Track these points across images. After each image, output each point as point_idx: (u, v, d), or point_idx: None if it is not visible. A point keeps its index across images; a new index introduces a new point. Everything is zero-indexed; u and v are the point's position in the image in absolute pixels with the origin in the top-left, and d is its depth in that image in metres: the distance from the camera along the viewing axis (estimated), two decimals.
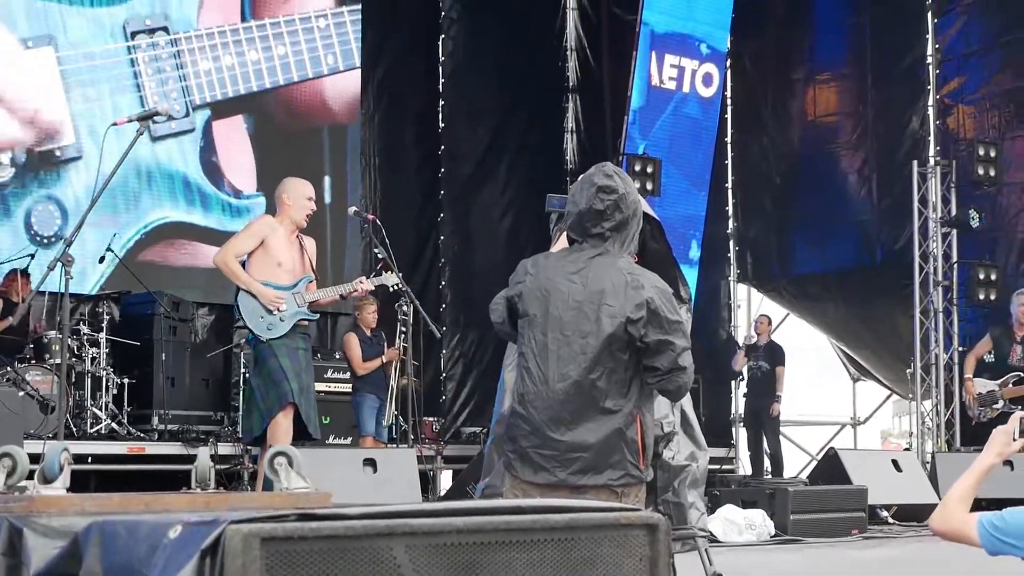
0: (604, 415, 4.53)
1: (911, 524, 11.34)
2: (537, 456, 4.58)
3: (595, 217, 4.65)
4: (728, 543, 9.88)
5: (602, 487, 4.51)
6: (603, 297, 4.54)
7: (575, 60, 17.99)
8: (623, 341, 4.52)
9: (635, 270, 4.64)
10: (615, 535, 2.77)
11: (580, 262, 4.64)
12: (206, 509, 2.85)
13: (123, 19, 13.96)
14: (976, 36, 15.75)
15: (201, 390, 12.81)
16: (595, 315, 4.53)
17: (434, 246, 16.32)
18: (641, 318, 4.50)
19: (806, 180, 17.22)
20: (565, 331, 4.56)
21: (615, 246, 4.65)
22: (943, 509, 4.11)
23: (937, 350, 14.63)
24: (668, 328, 4.52)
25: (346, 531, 2.34)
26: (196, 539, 2.23)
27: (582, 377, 4.53)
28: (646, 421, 4.61)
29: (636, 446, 4.55)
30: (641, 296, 4.53)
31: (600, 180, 4.66)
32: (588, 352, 4.53)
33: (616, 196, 4.64)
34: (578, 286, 4.59)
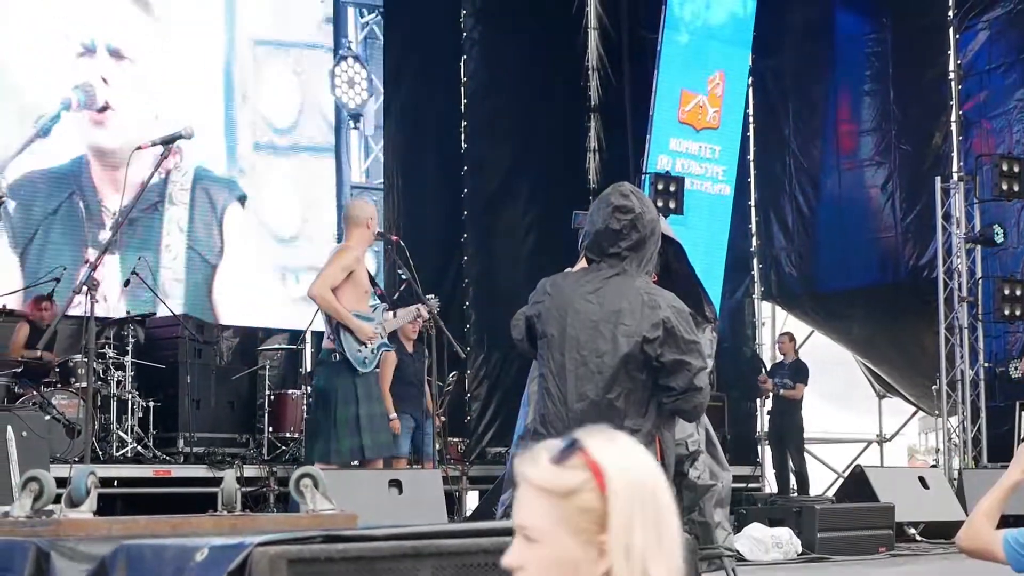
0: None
1: (939, 541, 11.28)
2: None
3: (612, 237, 4.64)
4: (755, 562, 9.84)
5: None
6: (620, 317, 4.53)
7: (596, 79, 17.99)
8: (639, 361, 4.50)
9: (652, 290, 4.62)
10: None
11: (597, 282, 4.64)
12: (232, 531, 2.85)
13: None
14: (998, 52, 15.72)
15: (226, 412, 12.81)
16: (611, 334, 4.52)
17: (457, 266, 16.32)
18: (657, 337, 4.49)
19: (829, 197, 17.19)
20: (582, 351, 4.56)
21: (632, 266, 4.65)
22: (969, 526, 4.09)
23: (963, 366, 14.57)
24: (684, 348, 4.50)
25: (373, 552, 2.34)
26: (223, 562, 2.23)
27: (599, 397, 4.52)
28: (666, 440, 4.60)
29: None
30: (658, 316, 4.51)
31: (616, 200, 4.66)
32: (605, 372, 4.52)
33: (632, 216, 4.63)
34: (595, 306, 4.58)
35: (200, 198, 14.35)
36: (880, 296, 16.60)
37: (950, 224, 14.80)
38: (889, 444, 18.46)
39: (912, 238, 16.12)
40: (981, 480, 11.62)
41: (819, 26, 17.42)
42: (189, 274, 14.12)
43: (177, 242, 14.09)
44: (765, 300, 18.25)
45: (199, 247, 14.26)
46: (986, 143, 15.62)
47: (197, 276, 14.18)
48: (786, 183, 17.57)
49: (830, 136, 17.32)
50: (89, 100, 13.54)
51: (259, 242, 14.53)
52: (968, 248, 14.80)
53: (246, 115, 14.77)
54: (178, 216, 14.16)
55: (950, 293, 14.68)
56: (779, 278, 17.83)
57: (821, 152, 17.38)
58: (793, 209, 17.51)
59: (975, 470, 13.52)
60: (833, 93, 17.29)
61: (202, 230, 14.32)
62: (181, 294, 13.90)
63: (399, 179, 15.77)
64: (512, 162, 16.85)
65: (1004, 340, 15.52)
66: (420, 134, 16.09)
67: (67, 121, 13.43)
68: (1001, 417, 14.49)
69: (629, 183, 4.82)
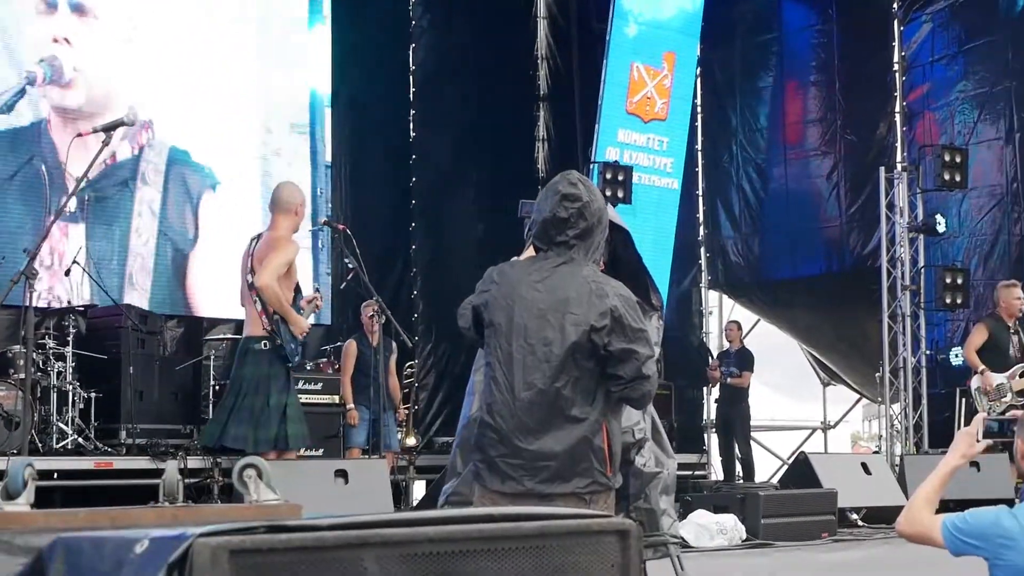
0: (570, 423, 4.52)
1: (880, 526, 11.37)
2: (505, 465, 4.56)
3: (559, 225, 4.64)
4: (700, 548, 9.90)
5: (570, 495, 4.50)
6: (567, 305, 4.53)
7: (546, 69, 18.00)
8: (587, 349, 4.51)
9: (599, 278, 4.62)
10: (587, 542, 2.75)
11: (545, 270, 4.63)
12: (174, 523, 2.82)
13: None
14: (941, 44, 15.86)
15: (170, 403, 12.69)
16: (559, 323, 4.52)
17: (405, 256, 16.29)
18: (605, 326, 4.49)
19: (775, 186, 17.31)
20: (529, 339, 4.55)
21: (580, 254, 4.64)
22: (908, 511, 4.13)
23: (905, 354, 14.69)
24: (632, 336, 4.50)
25: (316, 542, 2.31)
26: (163, 553, 2.20)
27: (547, 386, 4.52)
28: (612, 429, 4.60)
29: (603, 454, 4.54)
30: (605, 304, 4.51)
31: (564, 188, 4.65)
32: (552, 360, 4.52)
33: (580, 204, 4.63)
34: (543, 294, 4.58)
35: (174, 181, 14.07)
36: (825, 285, 16.74)
37: (894, 214, 14.92)
38: (833, 431, 18.60)
39: (857, 227, 16.26)
40: (922, 466, 11.72)
41: (766, 17, 17.53)
42: (159, 262, 13.91)
43: (148, 226, 13.83)
44: (712, 289, 18.35)
45: (172, 233, 14.04)
46: (929, 134, 15.77)
47: (167, 265, 13.99)
48: (733, 173, 17.67)
49: (776, 126, 17.43)
50: (55, 74, 13.16)
51: (232, 230, 14.24)
52: (911, 237, 14.94)
53: (220, 91, 14.52)
54: (150, 198, 13.88)
55: (893, 282, 14.80)
56: (726, 267, 17.93)
57: (768, 142, 17.49)
58: (740, 199, 17.61)
59: (917, 456, 13.65)
60: (780, 84, 17.40)
61: (175, 216, 14.09)
62: (148, 286, 13.72)
63: (346, 167, 15.68)
64: (461, 151, 16.83)
65: (945, 328, 15.69)
66: (367, 122, 16.00)
67: (32, 95, 13.08)
68: (942, 404, 14.62)
69: (577, 171, 4.81)
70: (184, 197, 14.13)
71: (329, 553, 2.33)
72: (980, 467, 11.40)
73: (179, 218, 14.08)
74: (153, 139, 13.83)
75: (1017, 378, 12.20)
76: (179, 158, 14.13)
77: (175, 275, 14.06)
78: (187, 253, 14.13)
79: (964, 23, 15.65)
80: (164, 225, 13.92)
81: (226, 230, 13.43)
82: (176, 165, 14.08)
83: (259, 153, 14.78)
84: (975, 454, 4.24)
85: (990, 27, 15.34)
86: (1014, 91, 15.02)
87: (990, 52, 15.34)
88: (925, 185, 14.99)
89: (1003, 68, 15.16)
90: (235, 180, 14.41)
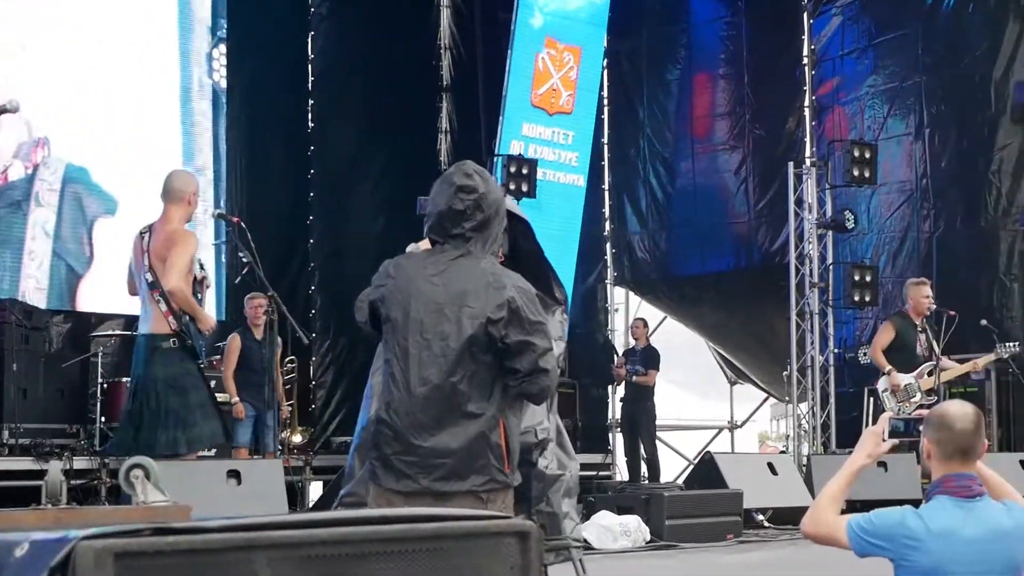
0: (467, 419, 4.53)
1: (786, 527, 11.50)
2: (400, 463, 4.56)
3: (455, 218, 4.64)
4: (603, 550, 9.94)
5: (466, 493, 4.51)
6: (464, 299, 4.54)
7: (449, 59, 17.96)
8: (483, 342, 4.51)
9: (497, 271, 4.63)
10: (486, 543, 2.77)
11: (441, 264, 4.64)
12: (57, 525, 2.79)
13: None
14: (851, 37, 16.07)
15: (56, 401, 12.50)
16: (456, 317, 4.53)
17: (303, 250, 16.18)
18: (502, 318, 4.50)
19: (683, 181, 17.42)
20: (425, 334, 4.56)
21: (477, 246, 4.65)
22: (813, 511, 4.18)
23: (813, 352, 14.85)
24: (529, 329, 4.51)
25: (204, 544, 2.30)
26: (44, 557, 2.18)
27: (442, 381, 4.52)
28: (511, 425, 4.61)
29: (501, 450, 4.55)
30: (503, 296, 4.52)
31: (459, 180, 4.65)
32: (448, 355, 4.52)
33: (476, 196, 4.64)
34: (439, 288, 4.58)
35: (69, 201, 13.77)
36: (733, 281, 16.89)
37: (802, 210, 15.08)
38: (740, 431, 18.79)
39: (765, 223, 16.42)
40: (829, 466, 11.84)
41: (674, 9, 17.65)
42: (53, 283, 13.63)
43: (42, 248, 13.55)
44: (618, 285, 18.43)
45: (66, 255, 13.75)
46: (838, 128, 15.96)
47: (62, 287, 13.71)
48: (640, 167, 17.76)
49: (684, 120, 17.54)
50: None
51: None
52: (820, 234, 15.09)
53: (124, 98, 14.22)
54: (44, 219, 13.55)
55: (801, 279, 14.95)
56: (632, 263, 18.02)
57: (675, 136, 17.59)
58: (647, 193, 17.70)
59: (824, 456, 13.82)
60: (688, 77, 17.52)
61: (71, 238, 13.78)
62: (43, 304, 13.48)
63: (242, 158, 15.52)
64: (361, 142, 16.74)
65: (854, 326, 15.89)
66: (264, 112, 15.85)
67: None
68: (850, 403, 14.80)
69: (473, 162, 4.81)
70: (79, 218, 13.90)
71: (218, 556, 2.32)
72: (887, 467, 11.57)
73: (74, 239, 13.86)
74: (48, 156, 13.59)
75: (925, 377, 12.35)
76: (76, 176, 13.84)
77: (69, 298, 13.85)
78: (81, 275, 13.92)
79: (874, 16, 15.87)
80: (58, 246, 13.69)
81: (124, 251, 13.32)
82: (73, 184, 13.83)
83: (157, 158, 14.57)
84: (881, 454, 4.31)
85: (901, 21, 15.55)
86: (924, 86, 15.24)
87: (901, 46, 15.55)
88: (834, 181, 15.17)
89: (913, 62, 15.37)
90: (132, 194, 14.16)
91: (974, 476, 4.05)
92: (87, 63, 14.03)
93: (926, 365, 12.37)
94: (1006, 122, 14.58)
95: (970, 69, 14.95)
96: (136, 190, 13.68)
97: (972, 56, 14.94)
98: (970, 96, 14.92)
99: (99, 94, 14.02)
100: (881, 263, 15.34)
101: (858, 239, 15.65)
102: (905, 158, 15.45)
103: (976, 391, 13.15)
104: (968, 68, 14.97)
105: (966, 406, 4.14)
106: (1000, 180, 14.58)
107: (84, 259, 13.90)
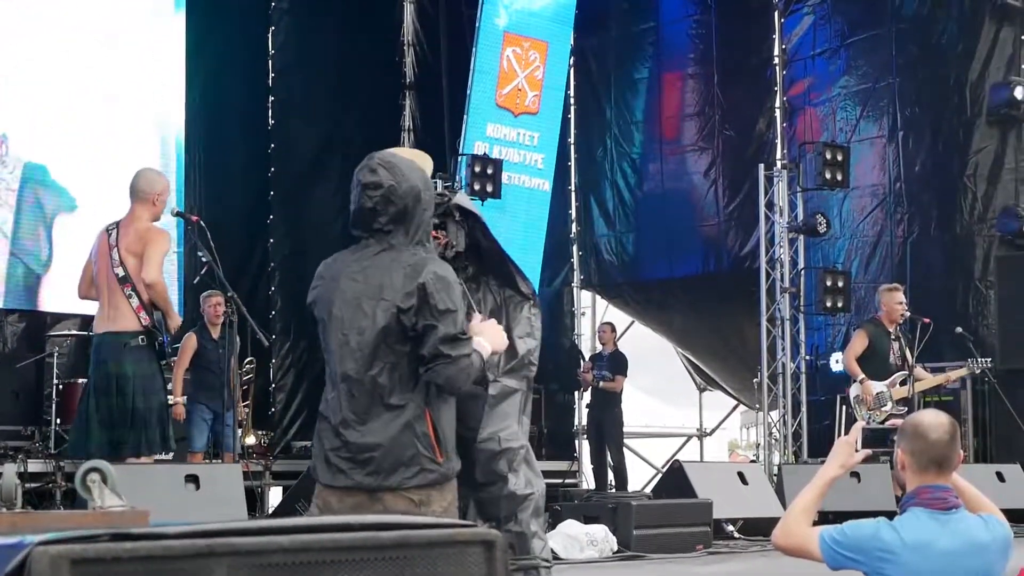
0: (390, 412, 4.57)
1: (756, 538, 11.50)
2: (336, 458, 4.62)
3: (368, 216, 4.71)
4: (569, 560, 9.94)
5: (396, 488, 4.54)
6: (381, 291, 4.59)
7: (412, 55, 17.95)
8: (397, 332, 4.56)
9: (419, 260, 4.65)
10: (450, 552, 2.77)
11: (365, 259, 4.71)
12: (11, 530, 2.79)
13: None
14: (823, 37, 16.12)
15: (10, 402, 12.49)
16: (372, 311, 4.59)
17: (263, 249, 16.15)
18: (412, 306, 4.54)
19: (651, 182, 17.45)
20: (344, 330, 4.63)
21: (399, 238, 4.69)
22: (785, 523, 4.19)
23: (784, 359, 14.87)
24: (437, 315, 4.53)
25: (163, 551, 2.30)
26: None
27: (362, 375, 4.58)
28: (440, 414, 4.63)
29: (429, 439, 4.57)
30: (414, 284, 4.56)
31: (364, 177, 4.71)
32: (364, 348, 4.58)
33: (383, 191, 4.68)
34: (360, 284, 4.65)
35: (28, 199, 13.64)
36: (702, 286, 16.91)
37: (773, 213, 15.09)
38: (710, 439, 18.84)
39: (735, 227, 16.45)
40: (801, 475, 11.86)
41: (643, 6, 17.67)
42: (10, 283, 13.52)
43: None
44: (585, 289, 18.45)
45: (23, 255, 13.64)
46: (810, 130, 16.00)
47: (19, 286, 13.62)
48: (607, 168, 17.78)
49: (653, 120, 17.56)
50: None
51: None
52: (791, 238, 15.12)
53: (84, 96, 14.10)
54: (2, 219, 13.42)
55: (772, 284, 14.98)
56: (599, 266, 18.04)
57: (643, 136, 17.61)
58: (614, 195, 17.72)
59: (795, 465, 13.80)
60: (656, 76, 17.54)
61: (29, 237, 13.66)
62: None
63: (201, 155, 15.48)
64: (323, 140, 16.72)
65: (826, 333, 15.92)
66: (224, 109, 15.80)
67: None
68: (822, 411, 14.81)
69: (383, 153, 4.83)
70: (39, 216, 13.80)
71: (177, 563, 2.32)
72: (860, 478, 11.60)
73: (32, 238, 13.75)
74: (6, 155, 13.50)
75: (897, 386, 12.32)
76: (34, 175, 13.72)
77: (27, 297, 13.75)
78: (41, 275, 13.81)
79: (847, 16, 15.92)
80: (16, 247, 13.59)
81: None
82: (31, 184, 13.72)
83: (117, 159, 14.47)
84: (854, 464, 4.31)
85: (874, 21, 15.60)
86: (898, 87, 15.30)
87: (874, 47, 15.61)
88: (806, 184, 15.21)
89: (887, 63, 15.42)
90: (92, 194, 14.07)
91: (949, 488, 4.07)
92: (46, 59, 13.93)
93: (899, 374, 12.35)
94: (981, 125, 14.65)
95: (945, 71, 15.01)
96: (97, 187, 13.67)
97: (947, 58, 15.01)
98: (945, 98, 14.97)
99: (59, 89, 13.94)
100: (854, 268, 15.38)
101: (830, 243, 15.69)
102: (878, 161, 15.50)
103: (951, 400, 13.20)
104: (943, 70, 15.03)
105: (941, 416, 4.14)
106: (975, 184, 14.64)
107: (43, 259, 13.81)
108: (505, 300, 6.01)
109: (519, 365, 5.89)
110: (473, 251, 5.94)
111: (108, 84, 14.47)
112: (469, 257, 5.95)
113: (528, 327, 5.94)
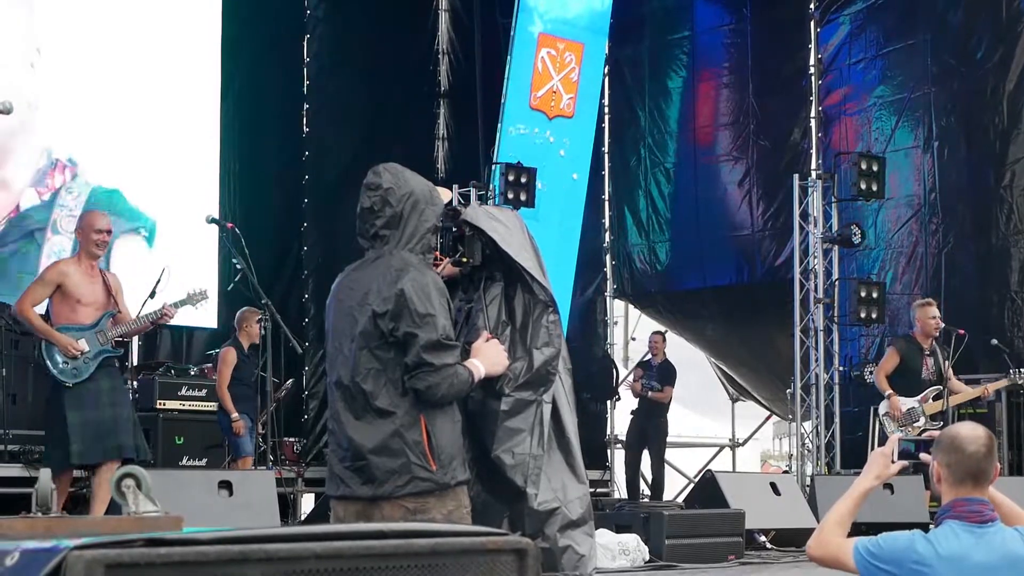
0: (378, 417, 4.59)
1: (789, 549, 11.48)
2: (339, 469, 4.70)
3: (367, 216, 4.76)
4: (601, 569, 9.90)
5: (390, 497, 4.54)
6: (367, 298, 4.62)
7: (447, 64, 17.98)
8: (374, 337, 4.57)
9: (404, 264, 4.65)
10: (482, 561, 2.77)
11: (361, 269, 4.76)
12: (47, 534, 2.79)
13: None
14: (859, 46, 16.05)
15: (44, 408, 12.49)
16: (359, 317, 4.61)
17: (297, 257, 16.18)
18: (388, 311, 4.55)
19: (684, 192, 17.40)
20: (337, 340, 4.72)
21: (394, 244, 4.71)
22: (819, 534, 4.17)
23: (818, 370, 14.78)
24: (418, 321, 4.53)
25: (197, 557, 2.31)
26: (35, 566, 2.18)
27: (349, 382, 4.64)
28: (435, 422, 4.61)
29: (422, 447, 4.55)
30: (392, 289, 4.56)
31: (367, 179, 4.79)
32: (349, 355, 4.65)
33: (381, 191, 4.71)
34: (353, 292, 4.69)
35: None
36: (735, 296, 16.86)
37: (807, 223, 15.02)
38: (742, 449, 18.76)
39: (769, 237, 16.39)
40: (834, 487, 11.83)
41: (678, 15, 17.63)
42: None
43: None
44: (617, 298, 18.42)
45: None
46: (845, 140, 15.93)
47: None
48: (641, 177, 17.75)
49: (687, 129, 17.53)
50: None
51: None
52: (825, 248, 15.03)
53: (133, 111, 14.15)
54: (60, 246, 13.20)
55: (806, 294, 14.89)
56: (632, 275, 18.00)
57: (678, 146, 17.58)
58: (648, 204, 17.69)
59: (828, 476, 13.75)
60: (691, 85, 17.50)
61: None
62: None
63: (236, 163, 15.53)
64: (357, 148, 16.72)
65: (859, 343, 15.84)
66: (259, 116, 15.85)
67: None
68: (855, 422, 14.73)
69: (393, 164, 4.88)
70: None
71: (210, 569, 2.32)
72: (894, 489, 11.54)
73: None
74: (71, 181, 13.44)
75: (930, 401, 12.26)
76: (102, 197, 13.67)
77: None
78: None
79: (883, 26, 15.85)
80: None
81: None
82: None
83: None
84: (889, 476, 4.29)
85: (910, 30, 15.52)
86: (933, 97, 15.22)
87: (909, 56, 15.53)
88: (841, 194, 15.12)
89: (923, 73, 15.35)
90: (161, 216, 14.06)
91: (986, 501, 4.03)
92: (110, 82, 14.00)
93: (932, 389, 12.25)
94: (1018, 136, 14.57)
95: (981, 81, 14.92)
96: (163, 208, 13.77)
97: (983, 68, 14.92)
98: (981, 108, 14.89)
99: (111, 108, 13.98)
100: (888, 279, 15.29)
101: (865, 254, 15.62)
102: (913, 171, 15.43)
103: (986, 413, 13.08)
104: (979, 79, 14.94)
105: (978, 428, 4.11)
106: (1011, 195, 14.54)
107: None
108: (529, 307, 5.93)
109: (535, 377, 5.80)
110: (496, 262, 5.92)
111: (151, 93, 14.53)
112: (493, 268, 5.93)
113: (547, 336, 5.86)
